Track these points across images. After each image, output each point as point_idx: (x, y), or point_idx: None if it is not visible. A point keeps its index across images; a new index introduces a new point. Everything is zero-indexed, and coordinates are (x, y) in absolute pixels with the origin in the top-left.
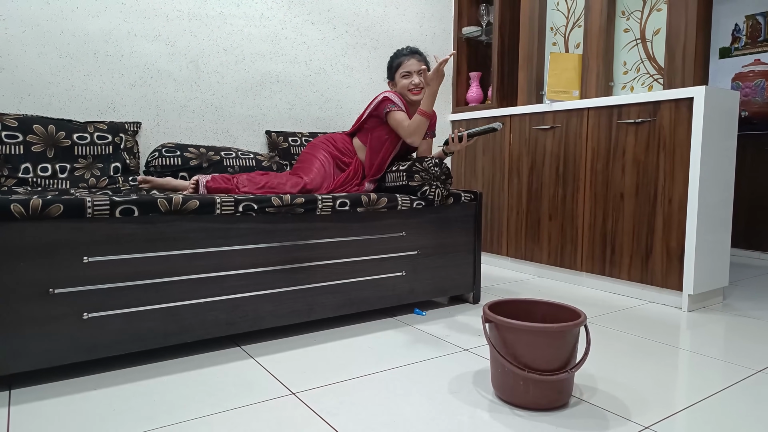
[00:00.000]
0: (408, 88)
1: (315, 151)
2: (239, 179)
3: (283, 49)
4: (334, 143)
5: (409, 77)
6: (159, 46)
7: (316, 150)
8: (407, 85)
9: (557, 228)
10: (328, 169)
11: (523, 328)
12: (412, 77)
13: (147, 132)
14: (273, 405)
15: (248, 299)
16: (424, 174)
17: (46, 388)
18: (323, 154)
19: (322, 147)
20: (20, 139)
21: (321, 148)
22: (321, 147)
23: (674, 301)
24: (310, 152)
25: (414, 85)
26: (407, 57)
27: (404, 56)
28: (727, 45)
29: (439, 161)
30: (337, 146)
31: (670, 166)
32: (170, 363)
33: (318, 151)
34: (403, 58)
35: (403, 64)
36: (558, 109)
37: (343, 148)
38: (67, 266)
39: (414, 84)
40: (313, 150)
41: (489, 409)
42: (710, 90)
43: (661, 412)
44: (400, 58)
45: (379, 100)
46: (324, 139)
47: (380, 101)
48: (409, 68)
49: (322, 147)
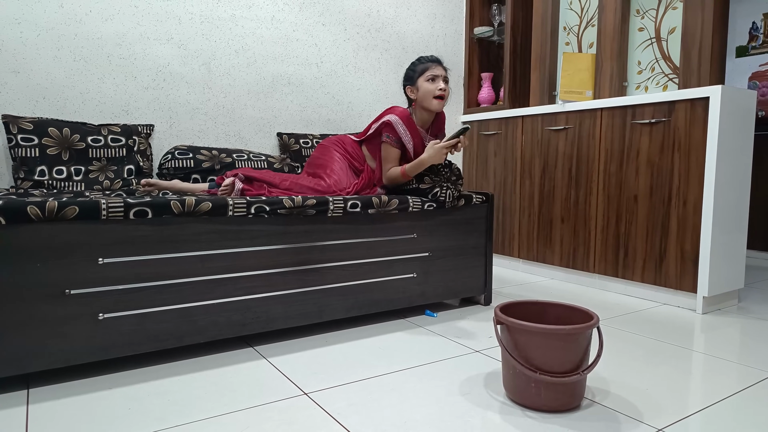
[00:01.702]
0: (434, 93)
1: (330, 153)
2: (272, 191)
3: (295, 51)
4: (344, 146)
5: (436, 82)
6: (171, 48)
7: (331, 152)
8: (433, 90)
9: (570, 230)
10: (346, 171)
11: (535, 330)
12: (439, 82)
13: (160, 134)
14: (285, 405)
15: (260, 300)
16: (433, 176)
17: (64, 387)
18: (338, 156)
19: (334, 149)
20: (36, 142)
21: (334, 149)
22: (334, 149)
23: (688, 303)
24: (325, 154)
25: (441, 90)
26: (434, 63)
27: (431, 62)
28: (744, 43)
29: (448, 163)
30: (347, 149)
31: (685, 168)
32: (184, 363)
33: (333, 152)
34: (429, 64)
35: (430, 68)
36: (571, 110)
37: (354, 153)
38: (82, 267)
39: (441, 89)
40: (327, 152)
41: (500, 411)
42: (726, 89)
43: (675, 414)
44: (426, 63)
45: (383, 121)
46: (335, 141)
47: (383, 124)
48: (436, 72)
49: (335, 149)
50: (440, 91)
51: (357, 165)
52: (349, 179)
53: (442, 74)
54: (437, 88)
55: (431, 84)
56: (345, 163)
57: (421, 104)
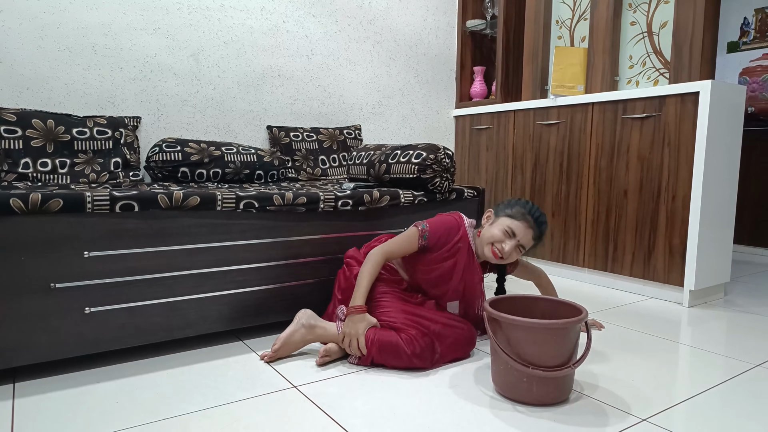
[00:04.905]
0: (493, 247)
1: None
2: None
3: (285, 43)
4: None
5: (507, 238)
6: (158, 39)
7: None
8: (497, 239)
9: (560, 225)
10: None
11: (525, 324)
12: (509, 242)
13: (147, 127)
14: (274, 398)
15: (250, 294)
16: (436, 166)
17: (51, 381)
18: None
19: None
20: (19, 133)
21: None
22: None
23: (675, 296)
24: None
25: (499, 250)
26: (526, 222)
27: (525, 216)
28: (736, 39)
29: (450, 155)
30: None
31: (674, 163)
32: (173, 357)
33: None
34: (522, 217)
35: (517, 221)
36: (562, 104)
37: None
38: (68, 261)
39: (502, 248)
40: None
41: (490, 405)
42: (716, 84)
43: (661, 405)
44: (521, 213)
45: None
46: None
47: (438, 219)
48: (517, 230)
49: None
50: (498, 250)
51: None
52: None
53: (523, 241)
54: (500, 245)
55: (500, 234)
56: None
57: (480, 239)
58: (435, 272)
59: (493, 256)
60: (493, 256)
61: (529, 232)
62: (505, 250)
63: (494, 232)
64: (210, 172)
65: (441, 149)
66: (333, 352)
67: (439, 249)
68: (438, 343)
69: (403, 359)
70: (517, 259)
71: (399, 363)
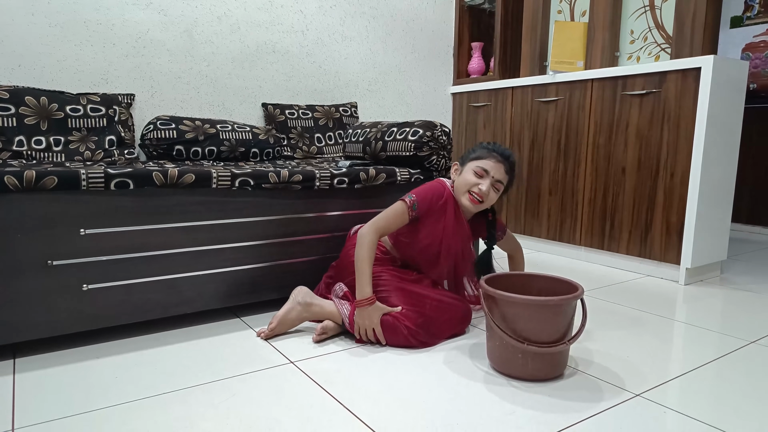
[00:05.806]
0: (471, 189)
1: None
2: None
3: (279, 18)
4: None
5: (481, 178)
6: (151, 14)
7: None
8: (471, 183)
9: (557, 203)
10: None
11: (521, 301)
12: (484, 180)
13: (141, 104)
14: (272, 373)
15: (246, 272)
16: (433, 144)
17: (50, 357)
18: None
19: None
20: (13, 111)
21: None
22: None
23: (672, 274)
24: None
25: (479, 190)
26: (495, 157)
27: (492, 152)
28: (739, 14)
29: (447, 133)
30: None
31: (673, 140)
32: (171, 333)
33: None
34: (489, 153)
35: (485, 158)
36: (561, 81)
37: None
38: (64, 238)
39: (479, 189)
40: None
41: (485, 380)
42: (718, 60)
43: (655, 381)
44: (485, 151)
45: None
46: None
47: (425, 186)
48: (488, 167)
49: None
50: (475, 193)
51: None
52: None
53: (497, 176)
54: (477, 187)
55: (473, 177)
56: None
57: (455, 193)
58: (424, 241)
59: (472, 202)
60: (472, 203)
61: (500, 165)
62: (483, 191)
63: (467, 177)
64: (205, 150)
65: (438, 126)
66: (330, 329)
67: (429, 216)
68: (434, 321)
69: (401, 337)
70: (501, 218)
71: (397, 340)
